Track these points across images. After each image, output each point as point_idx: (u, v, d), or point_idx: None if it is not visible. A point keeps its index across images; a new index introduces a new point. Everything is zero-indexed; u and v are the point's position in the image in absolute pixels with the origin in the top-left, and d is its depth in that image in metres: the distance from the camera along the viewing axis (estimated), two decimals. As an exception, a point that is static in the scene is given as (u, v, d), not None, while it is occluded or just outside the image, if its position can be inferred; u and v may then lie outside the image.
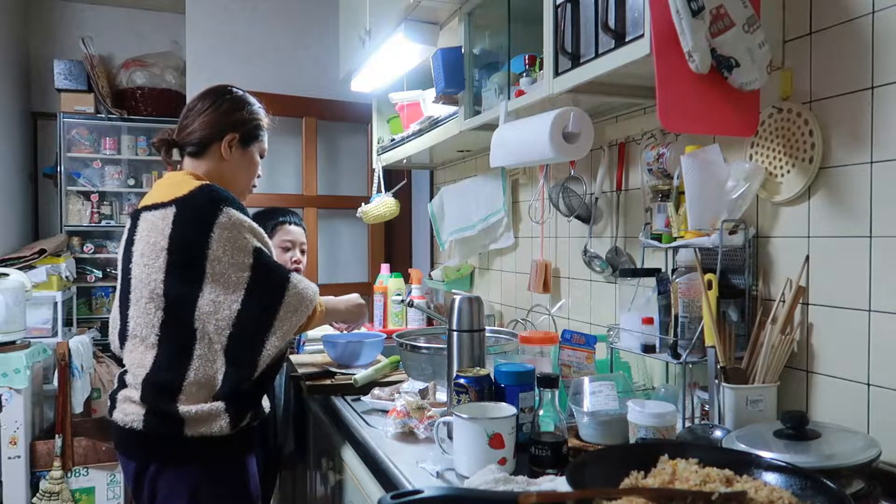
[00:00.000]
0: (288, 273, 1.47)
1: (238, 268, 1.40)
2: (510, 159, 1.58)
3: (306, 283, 1.49)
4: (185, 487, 1.41)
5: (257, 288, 1.41)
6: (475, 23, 1.88)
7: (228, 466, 1.46)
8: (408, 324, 2.67)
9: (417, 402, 1.43)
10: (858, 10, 1.11)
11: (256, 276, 1.41)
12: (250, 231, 1.43)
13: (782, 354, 1.18)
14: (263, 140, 1.64)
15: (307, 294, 1.47)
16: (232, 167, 1.57)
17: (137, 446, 1.44)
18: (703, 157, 1.28)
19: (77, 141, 4.05)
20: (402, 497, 0.81)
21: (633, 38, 1.16)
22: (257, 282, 1.41)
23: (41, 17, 4.20)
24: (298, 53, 3.64)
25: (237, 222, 1.41)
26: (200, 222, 1.39)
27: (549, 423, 1.16)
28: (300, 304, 1.45)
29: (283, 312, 1.42)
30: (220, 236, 1.39)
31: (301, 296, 1.45)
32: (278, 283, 1.44)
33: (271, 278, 1.44)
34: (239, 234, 1.41)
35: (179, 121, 1.62)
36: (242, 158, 1.59)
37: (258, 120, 1.62)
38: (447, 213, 2.71)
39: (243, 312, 1.39)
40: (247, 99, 1.62)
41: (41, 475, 2.96)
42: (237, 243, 1.40)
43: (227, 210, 1.41)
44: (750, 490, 0.80)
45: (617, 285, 1.76)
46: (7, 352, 2.85)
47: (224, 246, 1.39)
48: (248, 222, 1.44)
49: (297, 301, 1.44)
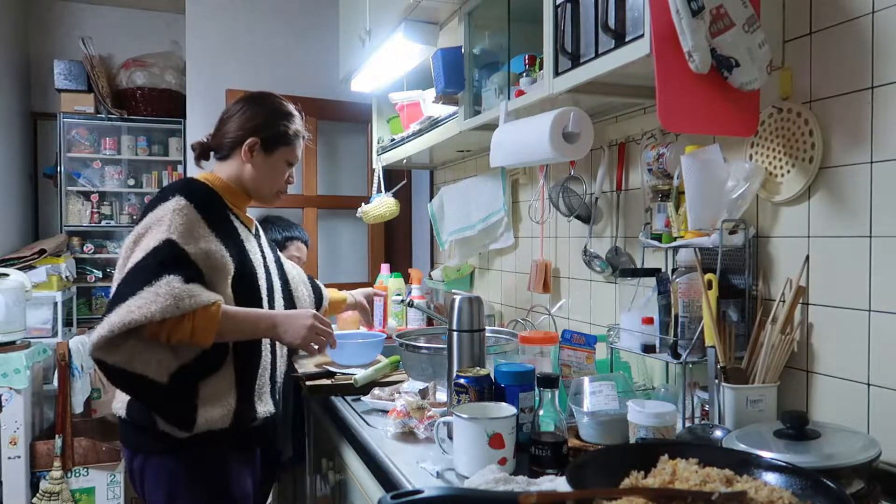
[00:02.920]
0: (168, 273, 1.31)
1: (143, 247, 1.35)
2: (510, 159, 1.58)
3: (190, 291, 1.31)
4: (164, 480, 1.43)
5: (133, 270, 1.33)
6: (475, 23, 1.88)
7: (207, 464, 1.45)
8: (408, 324, 2.67)
9: (417, 402, 1.43)
10: (858, 10, 1.11)
11: (145, 259, 1.33)
12: (184, 224, 1.38)
13: (782, 354, 1.18)
14: (294, 147, 1.64)
15: (171, 298, 1.29)
16: (253, 171, 1.58)
17: (126, 435, 1.47)
18: (703, 157, 1.28)
19: (77, 141, 4.05)
20: (402, 497, 0.81)
21: (633, 38, 1.16)
22: (140, 264, 1.33)
23: (41, 17, 4.20)
24: (298, 53, 3.64)
25: (178, 210, 1.39)
26: (153, 203, 1.43)
27: (549, 423, 1.16)
28: (155, 301, 1.28)
29: (130, 301, 1.28)
30: (155, 214, 1.40)
31: (160, 296, 1.28)
32: (149, 275, 1.31)
33: (149, 267, 1.32)
34: (168, 219, 1.37)
35: (216, 126, 1.65)
36: (264, 163, 1.59)
37: (285, 126, 1.61)
38: (447, 213, 2.71)
39: (116, 289, 1.35)
40: (276, 105, 1.63)
41: (41, 475, 2.96)
42: (159, 226, 1.37)
43: (178, 197, 1.42)
44: (750, 490, 0.80)
45: (617, 285, 1.76)
46: (7, 352, 2.85)
47: (150, 223, 1.38)
48: (190, 216, 1.40)
49: (152, 297, 1.28)
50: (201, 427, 1.41)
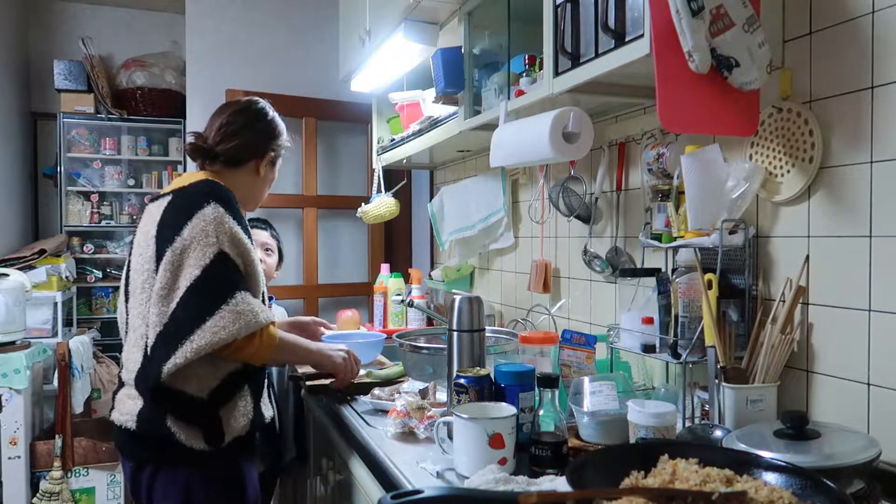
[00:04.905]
0: (237, 289, 1.35)
1: (194, 263, 1.34)
2: (510, 159, 1.58)
3: (257, 307, 1.37)
4: (178, 488, 1.40)
5: (199, 289, 1.33)
6: (475, 23, 1.88)
7: (223, 470, 1.45)
8: (408, 324, 2.67)
9: (417, 402, 1.43)
10: (858, 10, 1.11)
11: (205, 276, 1.33)
12: (228, 234, 1.38)
13: (782, 354, 1.18)
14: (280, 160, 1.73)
15: (249, 315, 1.34)
16: (261, 182, 1.65)
17: (133, 446, 1.44)
18: (703, 157, 1.28)
19: (77, 141, 4.05)
20: (402, 497, 0.81)
21: (633, 38, 1.16)
22: (203, 281, 1.33)
23: (41, 17, 4.20)
24: (298, 53, 3.64)
25: (219, 218, 1.38)
26: (185, 209, 1.39)
27: (549, 423, 1.16)
28: (237, 320, 1.32)
29: (211, 322, 1.31)
30: (196, 225, 1.36)
31: (240, 314, 1.33)
32: (221, 292, 1.33)
33: (217, 285, 1.34)
34: (213, 230, 1.36)
35: (214, 129, 1.59)
36: (268, 175, 1.67)
37: (287, 143, 1.71)
38: (447, 213, 2.71)
39: (177, 310, 1.33)
40: (278, 121, 1.69)
41: (41, 475, 2.96)
42: (206, 239, 1.35)
43: (215, 205, 1.39)
44: (750, 490, 0.80)
45: (617, 285, 1.76)
46: (7, 352, 2.85)
47: (194, 235, 1.35)
48: (230, 225, 1.39)
49: (233, 317, 1.32)
50: (227, 439, 1.40)
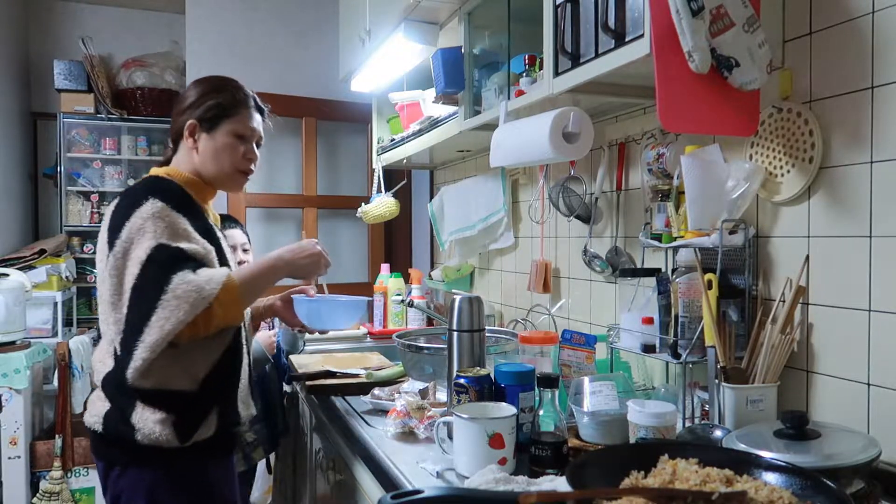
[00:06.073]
0: (173, 273, 1.28)
1: (134, 261, 1.30)
2: (510, 159, 1.58)
3: (200, 281, 1.28)
4: (144, 490, 1.37)
5: (140, 287, 1.29)
6: (475, 23, 1.88)
7: (190, 471, 1.40)
8: (408, 324, 2.67)
9: (417, 402, 1.43)
10: (858, 10, 1.11)
11: (144, 272, 1.29)
12: (168, 226, 1.33)
13: (782, 354, 1.18)
14: (240, 117, 1.48)
15: (193, 294, 1.26)
16: (202, 156, 1.47)
17: (101, 448, 1.42)
18: (703, 157, 1.28)
19: (77, 141, 4.05)
20: (402, 497, 0.81)
21: (633, 38, 1.16)
22: (143, 278, 1.28)
23: (41, 17, 4.20)
24: (298, 53, 3.64)
25: (157, 213, 1.32)
26: (126, 209, 1.35)
27: (549, 423, 1.16)
28: (179, 306, 1.25)
29: (156, 317, 1.25)
30: (133, 224, 1.32)
31: (180, 298, 1.25)
32: (160, 283, 1.27)
33: (156, 276, 1.28)
34: (150, 225, 1.31)
35: None
36: (210, 143, 1.46)
37: (219, 98, 1.47)
38: (447, 213, 2.71)
39: (128, 314, 1.29)
40: (207, 80, 1.51)
41: (41, 475, 2.96)
42: (143, 235, 1.30)
43: (153, 200, 1.33)
44: (750, 490, 0.80)
45: (617, 285, 1.76)
46: (7, 352, 2.85)
47: (132, 235, 1.31)
48: (172, 218, 1.33)
49: (175, 303, 1.25)
50: (195, 438, 1.36)
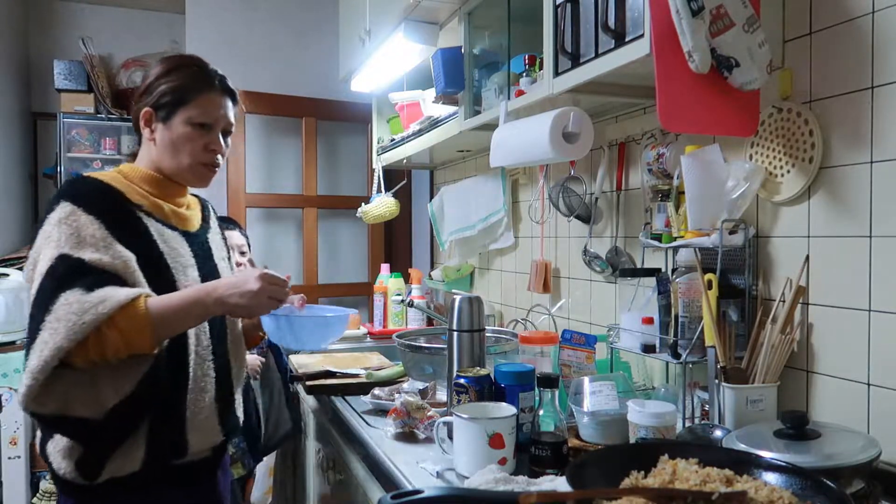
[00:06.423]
0: (61, 291, 1.12)
1: (37, 277, 1.16)
2: (510, 159, 1.58)
3: (88, 298, 1.11)
4: None
5: (33, 305, 1.15)
6: (475, 23, 1.88)
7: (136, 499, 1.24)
8: (408, 324, 2.67)
9: (417, 402, 1.43)
10: (858, 10, 1.11)
11: (39, 290, 1.15)
12: (73, 232, 1.18)
13: (782, 354, 1.18)
14: (196, 103, 1.31)
15: (73, 318, 1.09)
16: (159, 148, 1.32)
17: (51, 476, 1.27)
18: (703, 157, 1.28)
19: (77, 141, 4.04)
20: (402, 497, 0.81)
21: (633, 38, 1.16)
22: (37, 296, 1.15)
23: (41, 17, 4.20)
24: (298, 53, 3.64)
25: (63, 218, 1.18)
26: (44, 216, 1.22)
27: (549, 423, 1.16)
28: (58, 329, 1.09)
29: (39, 340, 1.10)
30: (43, 232, 1.20)
31: (60, 320, 1.10)
32: (46, 303, 1.12)
33: (45, 296, 1.13)
34: (55, 233, 1.18)
35: None
36: (166, 134, 1.31)
37: (171, 83, 1.30)
38: (447, 213, 2.71)
39: (28, 326, 1.15)
40: (162, 63, 1.35)
41: (41, 475, 2.96)
42: (48, 245, 1.17)
43: (64, 204, 1.20)
44: (750, 490, 0.80)
45: (617, 285, 1.76)
46: (7, 352, 2.85)
47: (39, 246, 1.19)
48: (81, 222, 1.18)
49: (54, 326, 1.10)
50: (105, 477, 1.18)
